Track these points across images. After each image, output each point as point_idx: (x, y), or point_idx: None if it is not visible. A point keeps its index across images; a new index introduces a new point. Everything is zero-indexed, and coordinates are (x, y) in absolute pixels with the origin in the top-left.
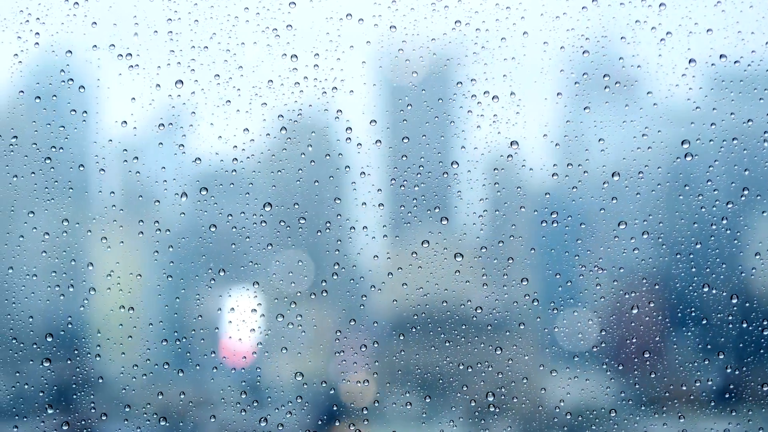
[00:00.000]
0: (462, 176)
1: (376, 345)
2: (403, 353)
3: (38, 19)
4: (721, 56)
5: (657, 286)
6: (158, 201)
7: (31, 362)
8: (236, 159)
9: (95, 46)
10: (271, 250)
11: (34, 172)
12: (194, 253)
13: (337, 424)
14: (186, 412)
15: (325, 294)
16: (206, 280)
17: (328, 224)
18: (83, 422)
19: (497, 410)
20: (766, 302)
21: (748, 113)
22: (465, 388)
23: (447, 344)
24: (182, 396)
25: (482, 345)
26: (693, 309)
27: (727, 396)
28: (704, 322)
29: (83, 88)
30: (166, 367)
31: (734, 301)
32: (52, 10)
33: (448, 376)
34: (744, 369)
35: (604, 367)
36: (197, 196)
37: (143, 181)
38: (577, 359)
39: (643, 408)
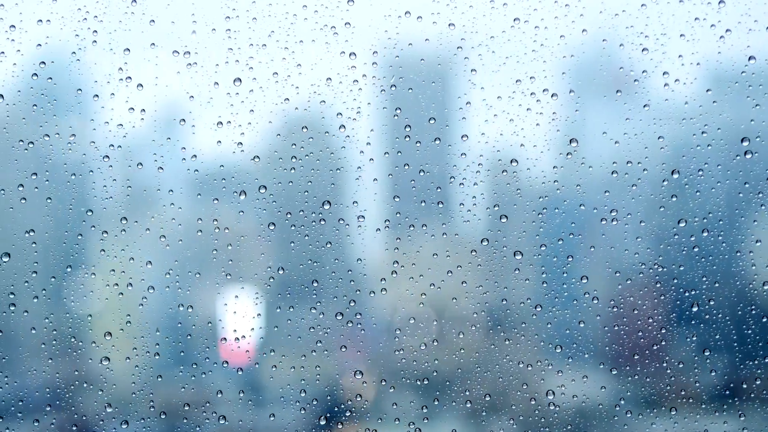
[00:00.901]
0: (521, 174)
1: (435, 343)
2: (462, 351)
3: (96, 17)
4: None
5: (717, 284)
6: (217, 199)
7: (90, 361)
8: (295, 157)
9: (153, 44)
10: (330, 249)
11: (92, 171)
12: (253, 251)
13: (397, 422)
14: (245, 412)
15: (384, 292)
16: (265, 279)
17: (387, 222)
18: (142, 420)
19: (557, 408)
20: None
21: None
22: (525, 387)
23: (506, 342)
24: (241, 395)
25: (542, 343)
26: (754, 307)
27: None
28: (765, 320)
29: (141, 86)
30: (225, 365)
31: None
32: (110, 8)
33: (508, 375)
34: None
35: (665, 365)
36: (256, 194)
37: (201, 179)
38: (636, 357)
39: (703, 405)
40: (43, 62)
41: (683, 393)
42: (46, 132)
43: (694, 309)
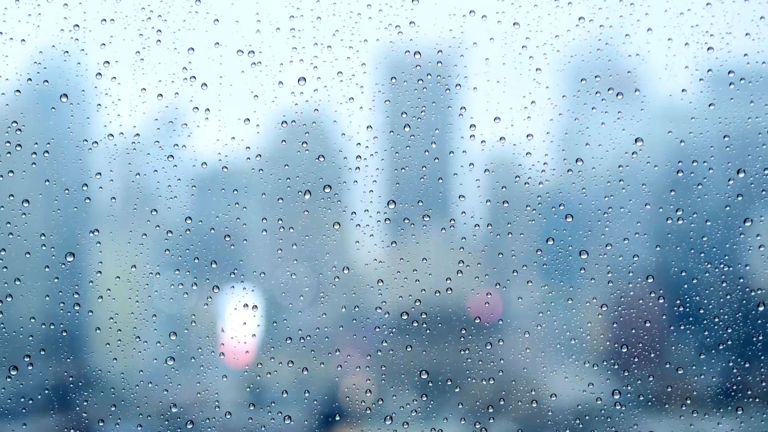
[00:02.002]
0: (586, 173)
1: (501, 343)
2: (528, 351)
3: (160, 16)
4: None
5: None
6: (281, 199)
7: (155, 360)
8: (360, 156)
9: (217, 43)
10: (395, 248)
11: (156, 170)
12: (318, 250)
13: (463, 422)
14: (311, 410)
15: (450, 292)
16: (330, 279)
17: (452, 222)
18: (207, 420)
19: (623, 408)
20: None
21: None
22: (590, 386)
23: (572, 342)
24: (306, 394)
25: (608, 343)
26: None
27: None
28: None
29: (205, 85)
30: (290, 365)
31: None
32: (173, 7)
33: (573, 375)
34: None
35: (731, 365)
36: (320, 194)
37: (266, 178)
38: (703, 357)
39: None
40: (107, 61)
41: (749, 392)
42: (110, 132)
43: (761, 308)
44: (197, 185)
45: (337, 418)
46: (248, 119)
